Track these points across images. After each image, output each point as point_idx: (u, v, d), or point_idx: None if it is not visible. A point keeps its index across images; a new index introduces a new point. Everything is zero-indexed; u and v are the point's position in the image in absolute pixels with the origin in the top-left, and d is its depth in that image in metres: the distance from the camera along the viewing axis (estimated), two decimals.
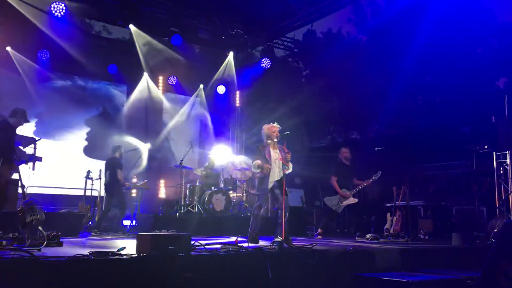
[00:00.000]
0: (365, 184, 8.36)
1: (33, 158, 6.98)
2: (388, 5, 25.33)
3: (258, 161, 6.18)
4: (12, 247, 4.22)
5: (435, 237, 8.87)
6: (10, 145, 5.95)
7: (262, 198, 6.33)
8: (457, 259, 5.65)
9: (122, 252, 3.93)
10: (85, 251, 3.88)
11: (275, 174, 6.26)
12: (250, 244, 4.94)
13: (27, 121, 6.55)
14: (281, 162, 6.25)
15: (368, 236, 8.04)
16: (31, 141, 6.72)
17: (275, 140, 6.37)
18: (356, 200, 8.35)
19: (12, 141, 5.98)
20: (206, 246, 4.49)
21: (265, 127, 6.49)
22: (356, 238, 8.16)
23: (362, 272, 4.48)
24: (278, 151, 6.38)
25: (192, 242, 4.40)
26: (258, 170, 6.24)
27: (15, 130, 6.19)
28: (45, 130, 10.76)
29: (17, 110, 6.34)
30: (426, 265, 5.17)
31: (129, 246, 4.43)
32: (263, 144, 6.44)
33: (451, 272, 4.58)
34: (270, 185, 6.21)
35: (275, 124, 6.48)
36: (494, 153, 8.49)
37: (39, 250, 4.32)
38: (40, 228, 4.53)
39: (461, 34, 24.54)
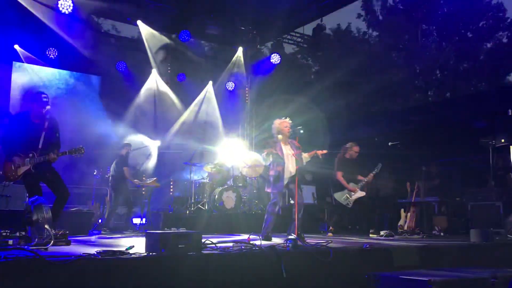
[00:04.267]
0: (367, 179, 8.24)
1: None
2: (397, 0, 25.18)
3: (265, 151, 6.11)
4: (18, 246, 4.11)
5: (450, 233, 8.68)
6: (11, 140, 5.50)
7: (277, 195, 6.23)
8: (477, 257, 5.46)
9: (131, 251, 3.81)
10: (93, 250, 3.76)
11: (289, 170, 6.16)
12: (263, 242, 4.79)
13: (41, 104, 5.53)
14: (293, 159, 6.16)
15: (382, 233, 7.88)
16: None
17: (287, 135, 6.24)
18: (364, 193, 8.21)
19: (16, 135, 5.43)
20: (217, 245, 4.35)
21: (277, 122, 6.37)
22: (370, 235, 8.00)
23: (379, 270, 4.31)
24: (289, 146, 6.28)
25: (203, 241, 4.26)
26: (269, 161, 6.17)
27: (24, 121, 5.54)
28: None
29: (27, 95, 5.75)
30: (445, 263, 5.00)
31: (138, 245, 4.30)
32: (274, 140, 6.33)
33: (473, 270, 4.40)
34: (285, 181, 6.13)
35: (287, 119, 6.37)
36: (511, 147, 8.28)
37: (46, 249, 4.21)
38: (47, 226, 4.41)
39: (471, 28, 24.28)
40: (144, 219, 9.47)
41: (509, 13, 24.36)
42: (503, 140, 8.07)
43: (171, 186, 12.02)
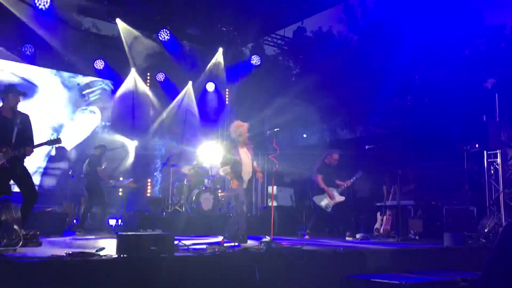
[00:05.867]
0: (346, 185, 8.27)
1: None
2: (378, 5, 25.47)
3: (229, 171, 6.15)
4: None
5: (425, 237, 8.77)
6: None
7: (241, 198, 6.30)
8: (449, 260, 5.52)
9: (101, 253, 3.73)
10: (63, 252, 3.68)
11: (247, 173, 6.28)
12: (236, 244, 4.78)
13: (15, 95, 5.42)
14: (250, 160, 6.32)
15: (358, 236, 7.92)
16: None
17: (246, 138, 6.39)
18: (343, 198, 8.24)
19: None
20: (190, 247, 4.30)
21: (235, 126, 6.44)
22: (346, 238, 8.04)
23: (353, 273, 4.33)
24: (245, 149, 6.38)
25: (176, 242, 4.22)
26: (223, 173, 6.39)
27: None
28: None
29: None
30: (418, 266, 5.04)
31: (110, 247, 4.23)
32: (230, 144, 6.43)
33: (444, 273, 4.45)
34: (244, 185, 6.27)
35: (244, 123, 6.47)
36: (485, 152, 8.42)
37: (15, 250, 4.11)
38: (16, 227, 4.30)
39: (450, 35, 24.73)
40: (120, 220, 9.35)
41: (487, 20, 24.85)
42: (477, 145, 8.20)
43: (148, 187, 11.90)
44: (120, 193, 10.00)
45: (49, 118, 11.02)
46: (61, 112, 11.32)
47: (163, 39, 11.20)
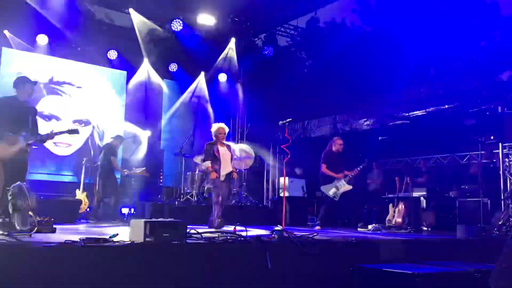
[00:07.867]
0: (353, 174, 8.19)
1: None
2: None
3: (209, 165, 6.77)
4: (0, 233, 4.06)
5: (438, 229, 8.72)
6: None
7: (217, 189, 6.82)
8: (462, 252, 5.47)
9: (115, 239, 3.77)
10: (77, 238, 3.72)
11: (225, 168, 6.88)
12: (213, 230, 5.31)
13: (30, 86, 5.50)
14: (229, 157, 7.00)
15: (370, 227, 7.90)
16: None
17: (220, 139, 6.99)
18: (351, 187, 8.15)
19: (5, 116, 5.37)
20: (203, 234, 4.32)
21: (215, 127, 7.06)
22: (358, 229, 8.02)
23: (364, 263, 4.32)
24: (225, 148, 7.02)
25: (188, 230, 4.24)
26: (203, 168, 7.18)
27: (13, 104, 5.40)
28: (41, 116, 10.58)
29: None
30: (430, 257, 5.00)
31: (123, 233, 4.27)
32: (211, 142, 7.00)
33: (457, 264, 4.42)
34: (222, 178, 6.83)
35: (224, 125, 7.11)
36: (500, 144, 8.32)
37: (30, 236, 4.16)
38: (31, 213, 4.35)
39: (465, 27, 24.38)
40: (132, 209, 9.44)
41: (503, 11, 24.38)
42: (492, 137, 8.11)
43: (161, 177, 11.96)
44: (133, 182, 10.07)
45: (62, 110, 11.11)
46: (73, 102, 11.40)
47: (176, 29, 11.20)
